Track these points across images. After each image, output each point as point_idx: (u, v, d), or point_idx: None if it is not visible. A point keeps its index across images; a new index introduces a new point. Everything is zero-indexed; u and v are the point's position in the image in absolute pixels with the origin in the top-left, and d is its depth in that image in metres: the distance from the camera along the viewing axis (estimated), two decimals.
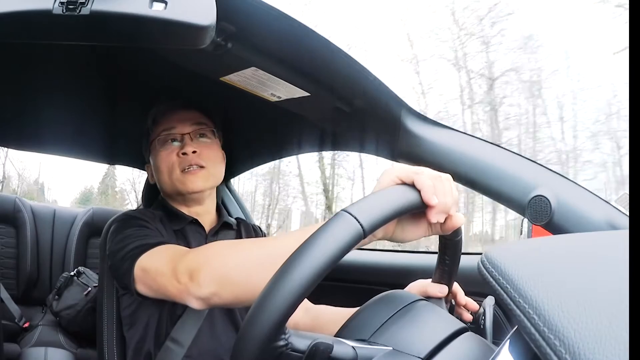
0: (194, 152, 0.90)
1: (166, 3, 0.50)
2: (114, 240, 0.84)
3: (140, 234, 0.81)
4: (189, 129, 0.92)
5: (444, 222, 0.53)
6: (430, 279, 0.69)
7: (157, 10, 0.50)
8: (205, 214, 0.97)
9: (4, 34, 0.54)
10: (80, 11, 0.49)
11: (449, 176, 0.54)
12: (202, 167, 0.90)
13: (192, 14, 0.50)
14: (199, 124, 0.94)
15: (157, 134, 0.93)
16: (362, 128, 1.00)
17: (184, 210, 0.95)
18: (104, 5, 0.49)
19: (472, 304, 0.72)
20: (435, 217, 0.50)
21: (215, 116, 0.99)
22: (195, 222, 0.95)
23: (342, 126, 1.02)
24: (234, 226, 1.03)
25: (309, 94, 0.86)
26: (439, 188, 0.51)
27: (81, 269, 1.84)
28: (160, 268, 0.72)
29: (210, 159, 0.92)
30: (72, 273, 1.82)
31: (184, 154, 0.90)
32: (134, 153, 1.47)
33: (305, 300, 0.95)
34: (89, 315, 1.71)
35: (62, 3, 0.49)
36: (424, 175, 0.50)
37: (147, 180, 1.14)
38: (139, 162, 1.54)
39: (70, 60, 0.88)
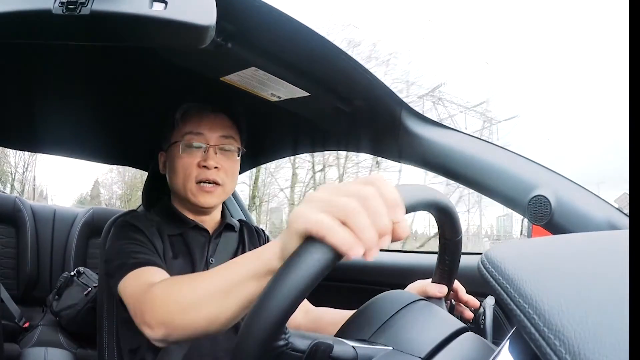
0: (216, 167, 0.89)
1: (166, 3, 0.50)
2: (109, 248, 0.84)
3: (129, 250, 0.80)
4: (215, 141, 0.90)
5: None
6: (430, 279, 0.69)
7: (157, 10, 0.50)
8: (210, 220, 0.98)
9: (4, 34, 0.54)
10: (80, 11, 0.49)
11: (379, 180, 0.41)
12: (218, 184, 0.90)
13: (192, 14, 0.50)
14: (226, 137, 0.92)
15: (182, 133, 0.90)
16: (362, 128, 1.00)
17: (189, 215, 0.95)
18: (104, 5, 0.49)
19: (473, 300, 0.72)
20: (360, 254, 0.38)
21: (242, 126, 0.96)
22: (198, 226, 0.95)
23: (342, 126, 1.02)
24: (236, 228, 1.03)
25: (309, 94, 0.86)
26: (358, 224, 0.38)
27: (81, 269, 1.84)
28: (128, 300, 0.72)
29: (228, 175, 0.91)
30: (72, 273, 1.82)
31: (205, 166, 0.88)
32: (134, 153, 1.47)
33: (306, 302, 0.95)
34: (89, 315, 1.71)
35: (62, 3, 0.49)
36: (335, 227, 0.37)
37: (148, 180, 1.14)
38: (140, 162, 1.54)
39: (70, 60, 0.88)
